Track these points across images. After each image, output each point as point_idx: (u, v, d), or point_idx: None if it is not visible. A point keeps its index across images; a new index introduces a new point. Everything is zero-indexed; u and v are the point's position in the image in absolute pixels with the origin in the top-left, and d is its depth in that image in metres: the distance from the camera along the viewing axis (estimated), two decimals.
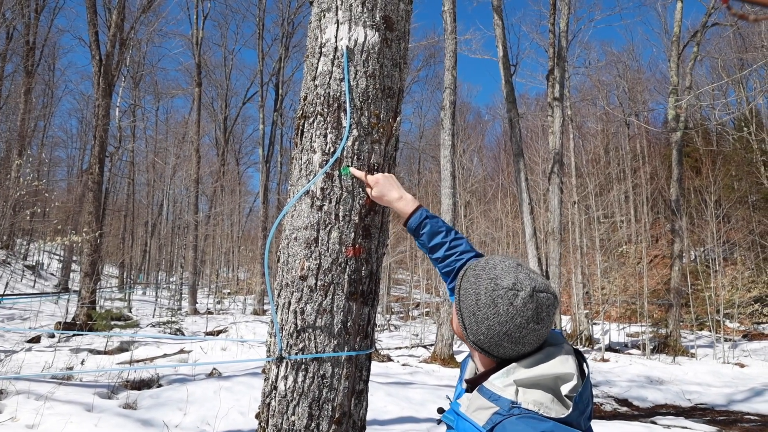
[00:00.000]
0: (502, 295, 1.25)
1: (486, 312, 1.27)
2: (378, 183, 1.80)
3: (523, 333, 1.24)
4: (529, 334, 1.25)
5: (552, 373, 1.21)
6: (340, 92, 1.86)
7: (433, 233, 1.77)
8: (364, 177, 1.82)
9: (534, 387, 1.20)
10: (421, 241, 1.79)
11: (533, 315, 1.24)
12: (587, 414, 1.28)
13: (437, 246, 1.76)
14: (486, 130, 49.46)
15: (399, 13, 1.97)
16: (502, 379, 1.24)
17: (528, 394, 1.19)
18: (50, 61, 35.33)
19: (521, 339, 1.25)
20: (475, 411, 1.25)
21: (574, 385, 1.21)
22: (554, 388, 1.20)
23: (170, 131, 37.58)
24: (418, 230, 1.77)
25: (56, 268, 37.06)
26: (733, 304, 18.23)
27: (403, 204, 1.80)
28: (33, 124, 30.75)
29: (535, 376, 1.22)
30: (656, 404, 10.15)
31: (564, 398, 1.20)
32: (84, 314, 14.18)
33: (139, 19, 21.43)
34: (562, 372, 1.22)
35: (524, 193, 14.97)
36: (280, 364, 1.79)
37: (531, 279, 1.27)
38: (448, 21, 13.32)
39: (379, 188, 1.80)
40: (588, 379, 1.28)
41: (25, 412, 5.30)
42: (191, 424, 5.72)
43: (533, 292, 1.24)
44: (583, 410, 1.25)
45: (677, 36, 18.47)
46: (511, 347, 1.26)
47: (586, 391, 1.27)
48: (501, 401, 1.20)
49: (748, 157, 27.06)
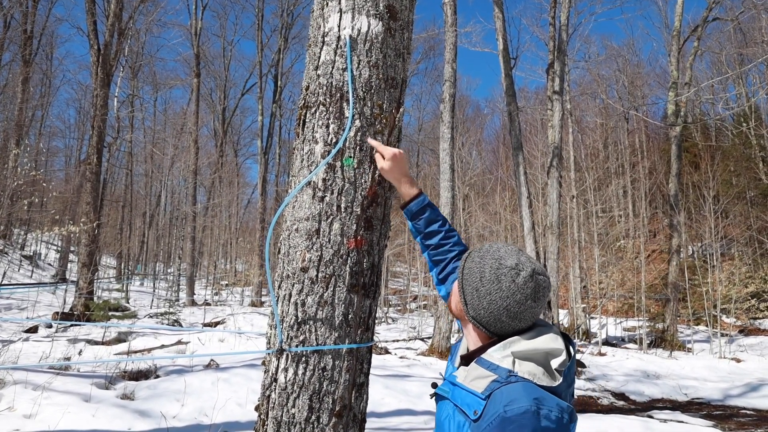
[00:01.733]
0: (506, 273, 1.38)
1: (489, 287, 1.39)
2: (395, 158, 1.82)
3: (521, 309, 1.37)
4: (526, 311, 1.38)
5: (544, 348, 1.34)
6: (343, 82, 1.83)
7: (431, 220, 1.87)
8: (382, 147, 1.83)
9: (528, 359, 1.32)
10: (417, 226, 1.88)
11: (532, 293, 1.37)
12: (571, 391, 1.40)
13: (433, 233, 1.87)
14: (485, 123, 49.34)
15: (403, 2, 1.95)
16: (500, 351, 1.36)
17: (523, 365, 1.31)
18: (48, 50, 35.15)
19: (519, 314, 1.37)
20: (474, 380, 1.35)
21: (562, 360, 1.33)
22: (545, 362, 1.32)
23: (168, 122, 37.52)
24: (418, 215, 1.86)
25: (54, 259, 37.01)
26: (730, 300, 18.26)
27: (408, 186, 1.86)
28: (30, 113, 30.61)
29: (529, 349, 1.33)
30: (653, 398, 10.18)
31: (554, 371, 1.31)
32: (81, 305, 14.16)
33: (138, 8, 21.32)
34: (553, 347, 1.34)
35: (523, 187, 14.95)
36: (280, 356, 1.78)
37: (531, 262, 1.41)
38: (449, 13, 13.24)
39: (395, 163, 1.82)
40: (574, 359, 1.40)
41: (23, 402, 5.29)
42: (189, 415, 5.72)
43: (533, 273, 1.38)
44: (570, 384, 1.37)
45: (678, 30, 18.41)
46: (508, 322, 1.38)
47: (572, 369, 1.39)
48: (499, 370, 1.32)
49: (747, 152, 27.08)
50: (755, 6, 18.69)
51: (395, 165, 1.82)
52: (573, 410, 1.30)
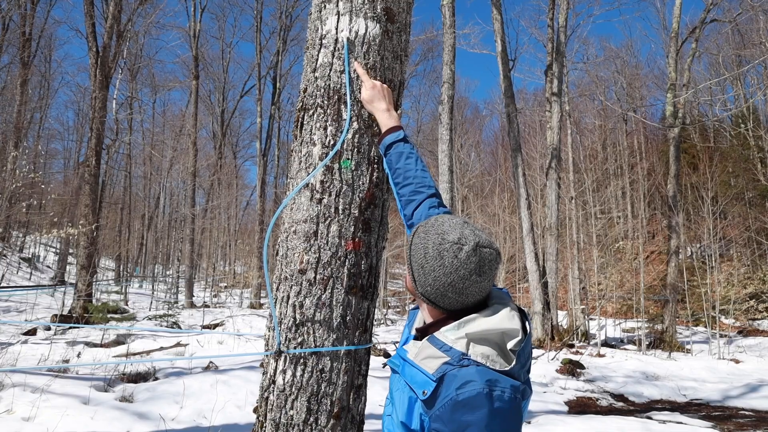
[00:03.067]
0: (448, 248, 1.33)
1: (433, 264, 1.35)
2: (375, 87, 1.81)
3: (466, 284, 1.33)
4: (472, 286, 1.34)
5: (499, 328, 1.30)
6: (341, 84, 1.84)
7: (403, 155, 1.80)
8: (365, 77, 1.83)
9: (482, 342, 1.29)
10: (389, 160, 1.81)
11: (476, 268, 1.32)
12: (527, 368, 1.37)
13: (402, 170, 1.79)
14: (484, 125, 49.44)
15: (400, 5, 1.95)
16: (453, 331, 1.32)
17: (477, 347, 1.28)
18: (47, 52, 35.20)
19: (464, 290, 1.34)
20: (425, 359, 1.32)
21: (518, 341, 1.30)
22: (500, 342, 1.30)
23: (167, 124, 37.52)
24: (391, 147, 1.80)
25: (52, 261, 36.99)
26: (729, 301, 18.27)
27: (387, 116, 1.83)
28: (29, 115, 30.57)
29: (483, 330, 1.30)
30: (652, 399, 10.19)
31: (508, 352, 1.29)
32: (80, 307, 14.14)
33: (137, 10, 21.30)
34: (509, 327, 1.31)
35: (522, 188, 14.96)
36: (278, 358, 1.78)
37: (475, 235, 1.35)
38: (447, 15, 13.26)
39: (373, 92, 1.81)
40: (529, 336, 1.37)
41: (21, 405, 5.29)
42: (188, 417, 5.71)
43: (476, 247, 1.33)
44: (524, 364, 1.34)
45: (676, 32, 18.44)
46: (455, 298, 1.35)
47: (527, 348, 1.36)
48: (452, 352, 1.28)
49: (745, 153, 27.10)
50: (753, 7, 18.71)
51: (376, 94, 1.81)
52: (526, 388, 1.30)
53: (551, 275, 16.10)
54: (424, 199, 1.78)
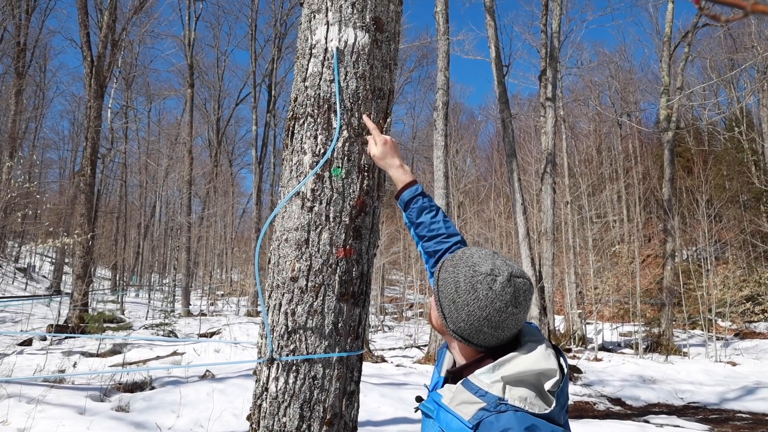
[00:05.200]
0: (481, 280, 1.28)
1: (466, 298, 1.29)
2: (387, 143, 1.82)
3: (502, 317, 1.27)
4: (508, 319, 1.28)
5: (536, 369, 1.23)
6: (330, 93, 1.86)
7: (424, 209, 1.79)
8: (376, 132, 1.84)
9: (518, 384, 1.22)
10: (410, 215, 1.80)
11: (511, 299, 1.27)
12: (566, 408, 1.30)
13: (425, 223, 1.77)
14: (479, 130, 49.50)
15: (389, 15, 1.97)
16: (488, 374, 1.25)
17: (514, 390, 1.21)
18: (41, 62, 35.11)
19: (501, 323, 1.28)
20: (460, 404, 1.25)
21: (556, 381, 1.24)
22: (537, 384, 1.23)
23: (163, 133, 37.47)
24: (410, 203, 1.79)
25: (48, 271, 36.85)
26: (725, 303, 18.31)
27: (402, 173, 1.83)
28: (24, 125, 30.52)
29: (520, 371, 1.23)
30: (649, 403, 10.20)
31: (546, 394, 1.22)
32: (76, 317, 14.10)
33: (131, 20, 21.30)
34: (546, 368, 1.24)
35: (517, 194, 15.00)
36: (271, 365, 1.79)
37: (507, 265, 1.31)
38: (441, 22, 13.33)
39: (385, 149, 1.82)
40: (567, 375, 1.30)
41: (17, 416, 5.27)
42: (184, 426, 5.70)
43: (510, 277, 1.28)
44: (563, 405, 1.27)
45: (668, 36, 18.56)
46: (491, 332, 1.29)
47: (566, 387, 1.30)
48: (488, 397, 1.22)
49: (739, 156, 27.25)
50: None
51: (388, 150, 1.81)
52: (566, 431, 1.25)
53: (548, 280, 16.12)
54: (451, 246, 1.74)
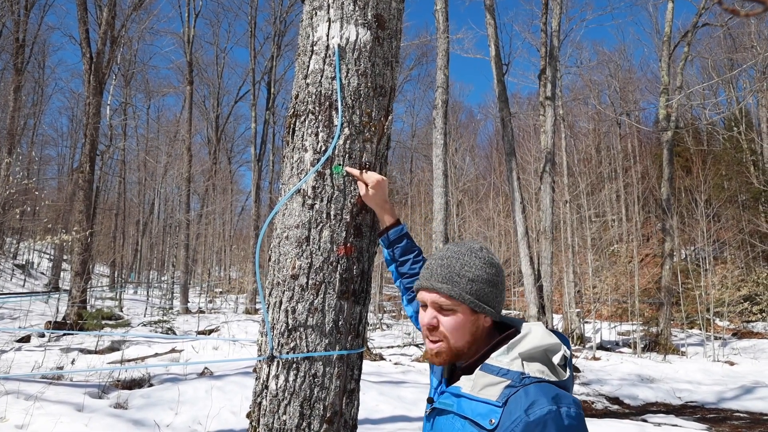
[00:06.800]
0: (476, 250, 1.44)
1: (470, 262, 1.41)
2: (380, 184, 1.82)
3: (499, 278, 1.43)
4: (502, 282, 1.44)
5: (543, 345, 1.32)
6: (332, 91, 1.85)
7: (407, 250, 1.87)
8: (365, 174, 1.82)
9: (532, 359, 1.31)
10: (393, 254, 1.88)
11: (495, 261, 1.45)
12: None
13: (406, 262, 1.87)
14: (478, 129, 49.57)
15: (391, 12, 1.97)
16: (505, 355, 1.33)
17: (531, 365, 1.30)
18: (40, 58, 35.05)
19: (500, 285, 1.43)
20: (484, 389, 1.30)
21: (561, 355, 1.33)
22: (546, 359, 1.32)
23: (162, 130, 37.46)
24: (395, 243, 1.86)
25: (46, 267, 36.84)
26: (723, 303, 18.34)
27: (388, 214, 1.86)
28: (23, 122, 30.49)
29: (531, 348, 1.32)
30: (647, 402, 10.21)
31: (556, 366, 1.31)
32: (74, 313, 14.09)
33: (130, 16, 21.29)
34: (551, 343, 1.33)
35: (516, 192, 14.99)
36: (271, 363, 1.78)
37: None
38: (441, 20, 13.31)
39: (378, 190, 1.81)
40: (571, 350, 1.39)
41: (15, 413, 5.26)
42: (183, 424, 5.70)
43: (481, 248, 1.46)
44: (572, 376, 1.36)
45: (668, 36, 18.56)
46: (498, 294, 1.42)
47: (570, 361, 1.38)
48: (511, 374, 1.28)
49: (738, 156, 27.27)
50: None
51: (378, 191, 1.81)
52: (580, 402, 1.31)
53: (546, 279, 16.12)
54: None
